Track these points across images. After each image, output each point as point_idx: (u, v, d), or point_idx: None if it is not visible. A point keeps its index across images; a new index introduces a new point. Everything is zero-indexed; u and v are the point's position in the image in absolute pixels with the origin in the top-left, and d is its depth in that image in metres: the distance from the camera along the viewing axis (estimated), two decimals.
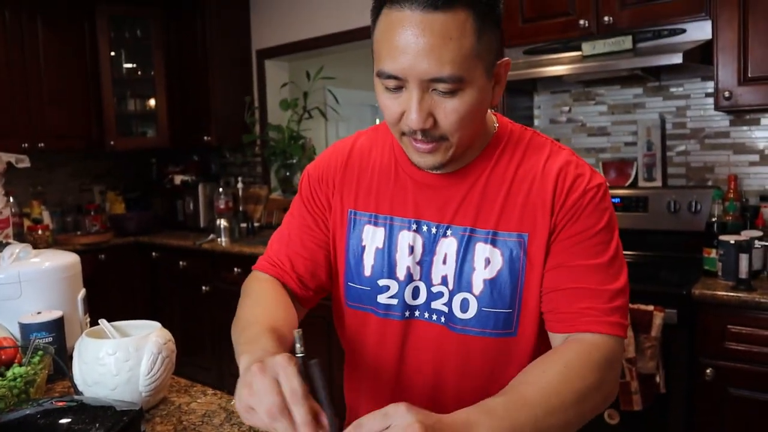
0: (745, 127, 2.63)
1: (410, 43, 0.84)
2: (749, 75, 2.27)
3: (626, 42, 2.44)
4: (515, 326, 1.01)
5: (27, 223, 3.94)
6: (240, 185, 4.27)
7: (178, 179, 4.45)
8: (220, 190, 4.10)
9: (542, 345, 1.02)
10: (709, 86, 2.63)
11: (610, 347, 0.93)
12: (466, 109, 0.89)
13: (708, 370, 2.12)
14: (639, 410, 2.16)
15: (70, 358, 1.34)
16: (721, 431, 2.14)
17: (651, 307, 2.13)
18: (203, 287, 3.78)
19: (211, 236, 3.84)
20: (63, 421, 0.98)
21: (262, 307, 1.03)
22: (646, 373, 2.14)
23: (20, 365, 1.21)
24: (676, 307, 2.14)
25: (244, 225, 4.01)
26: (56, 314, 1.40)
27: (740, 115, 2.62)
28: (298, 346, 0.81)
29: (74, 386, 1.21)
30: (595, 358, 0.90)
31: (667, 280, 2.35)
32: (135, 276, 4.25)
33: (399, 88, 0.90)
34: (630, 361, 2.13)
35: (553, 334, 0.99)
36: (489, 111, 1.07)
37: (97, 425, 0.96)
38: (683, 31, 2.39)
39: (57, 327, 1.39)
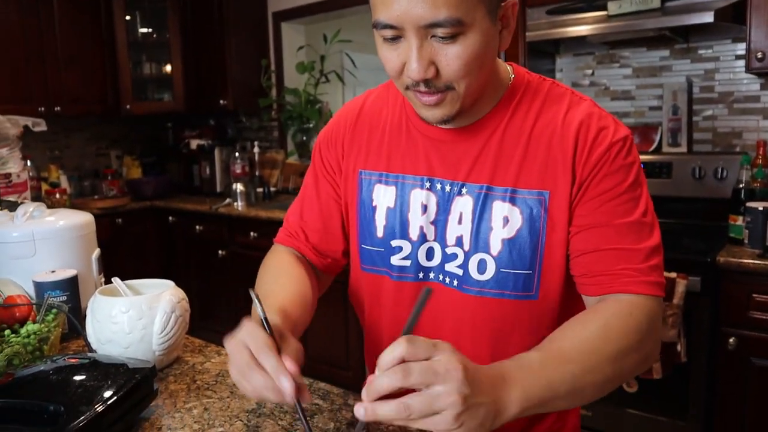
0: None
1: None
2: None
3: (654, 1, 2.35)
4: (536, 288, 0.97)
5: (45, 187, 3.95)
6: (256, 150, 4.24)
7: (194, 144, 4.43)
8: (237, 154, 4.08)
9: (567, 310, 0.98)
10: (740, 48, 2.54)
11: (649, 307, 0.89)
12: (469, 54, 0.84)
13: (731, 340, 2.08)
14: (658, 379, 2.13)
15: (84, 317, 1.33)
16: (743, 402, 2.11)
17: (674, 274, 2.08)
18: (219, 251, 3.79)
19: (228, 200, 3.83)
20: (76, 377, 0.97)
21: (276, 285, 1.03)
22: (667, 341, 2.10)
23: (34, 323, 1.20)
24: (700, 274, 2.10)
25: (260, 189, 4.00)
26: (70, 273, 1.39)
27: None
28: (256, 303, 0.81)
29: (87, 344, 1.20)
30: (635, 317, 0.87)
31: (691, 247, 2.30)
32: (151, 240, 4.27)
33: (397, 38, 0.85)
34: None
35: (587, 297, 0.95)
36: (505, 62, 1.02)
37: (110, 382, 0.95)
38: None
39: (71, 286, 1.38)
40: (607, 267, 0.91)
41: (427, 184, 1.01)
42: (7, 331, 1.16)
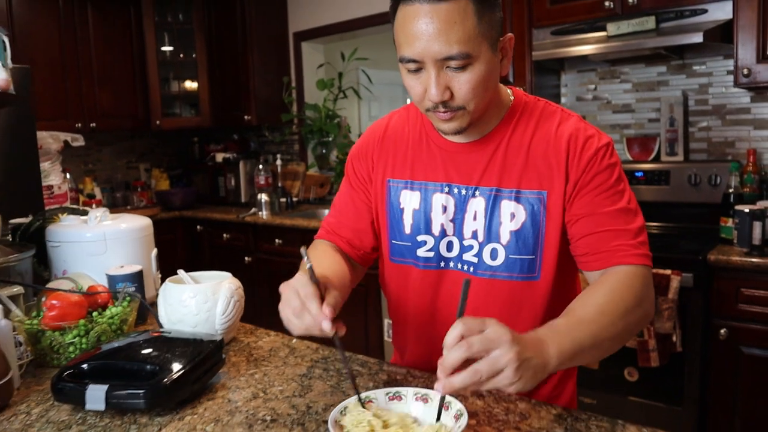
0: (765, 104, 2.75)
1: (422, 30, 1.02)
2: (767, 53, 2.39)
3: (650, 22, 2.56)
4: (538, 270, 1.19)
5: (82, 198, 4.19)
6: (279, 162, 4.48)
7: (219, 157, 4.67)
8: (260, 166, 4.31)
9: (559, 288, 1.20)
10: (731, 64, 2.74)
11: (642, 274, 1.10)
12: (476, 80, 1.06)
13: (722, 330, 2.28)
14: (656, 367, 2.32)
15: (150, 304, 1.57)
16: (734, 387, 2.30)
17: (669, 271, 2.28)
18: (245, 258, 4.01)
19: (253, 210, 4.06)
20: (163, 346, 1.19)
21: (321, 262, 1.23)
22: (664, 332, 2.30)
23: (113, 307, 1.43)
24: (693, 271, 2.30)
25: (283, 200, 4.22)
26: (137, 268, 1.62)
27: (761, 91, 2.73)
28: (305, 259, 1.02)
29: (159, 324, 1.42)
30: (632, 282, 1.08)
31: (685, 247, 2.50)
32: (180, 248, 4.49)
33: (419, 70, 1.07)
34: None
35: (589, 272, 1.16)
36: (506, 86, 1.24)
37: (189, 350, 1.17)
38: (705, 11, 2.51)
39: (138, 278, 1.60)
40: (605, 245, 1.12)
41: (446, 189, 1.23)
42: (94, 313, 1.38)
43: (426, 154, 1.26)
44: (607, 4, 2.69)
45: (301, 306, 0.98)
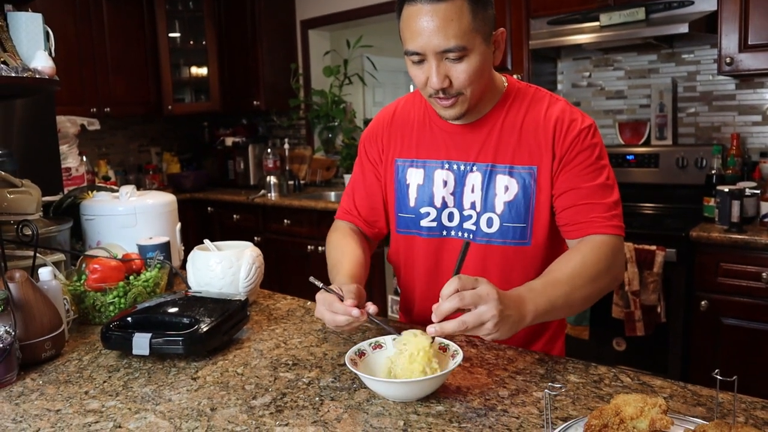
0: (749, 90, 2.90)
1: (424, 26, 1.17)
2: (749, 42, 2.53)
3: (640, 13, 2.71)
4: (529, 237, 1.35)
5: (97, 180, 4.36)
6: (286, 146, 4.64)
7: (229, 141, 4.83)
8: (269, 150, 4.48)
9: (550, 253, 1.37)
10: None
11: (613, 242, 1.27)
12: (472, 69, 1.21)
13: (703, 302, 2.45)
14: (642, 336, 2.50)
15: (178, 270, 1.74)
16: (714, 355, 2.47)
17: (654, 247, 2.45)
18: (255, 238, 4.18)
19: (262, 192, 4.23)
20: (196, 303, 1.36)
21: (343, 256, 1.41)
22: (649, 304, 2.47)
23: (147, 272, 1.60)
24: (676, 247, 2.46)
25: (290, 182, 4.39)
26: (164, 239, 1.79)
27: (746, 79, 2.88)
28: (317, 284, 1.19)
29: (188, 287, 1.59)
30: (603, 250, 1.25)
31: (671, 225, 2.66)
32: (192, 229, 4.65)
33: (422, 61, 1.23)
34: (634, 293, 2.46)
35: (570, 240, 1.33)
36: (500, 74, 1.39)
37: (219, 306, 1.34)
38: (691, 2, 2.65)
39: (166, 248, 1.77)
40: (583, 216, 1.29)
41: (446, 165, 1.39)
42: (131, 277, 1.55)
43: (429, 135, 1.42)
44: None
45: (331, 311, 1.15)
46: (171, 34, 4.83)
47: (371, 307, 1.17)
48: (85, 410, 1.03)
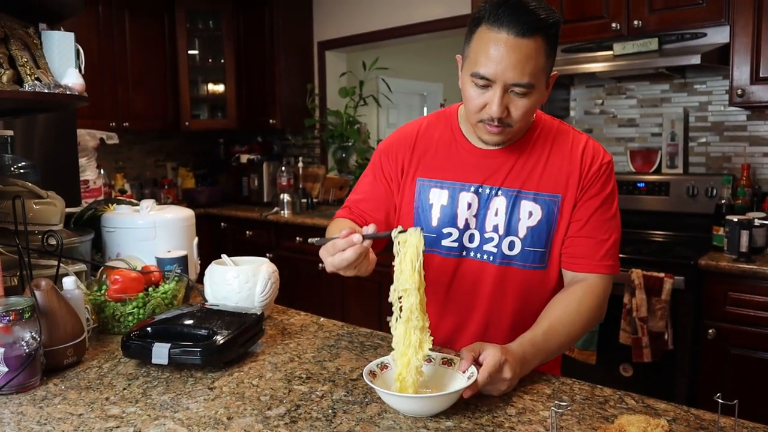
0: (761, 122, 2.93)
1: (503, 57, 1.20)
2: (761, 75, 2.57)
3: (653, 43, 2.76)
4: (546, 261, 1.39)
5: (114, 193, 4.44)
6: (300, 165, 4.71)
7: (244, 158, 4.91)
8: (283, 168, 4.54)
9: (559, 277, 1.41)
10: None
11: (605, 283, 1.36)
12: (530, 106, 1.26)
13: (710, 331, 2.46)
14: (649, 362, 2.51)
15: (195, 284, 1.78)
16: (722, 384, 2.48)
17: (662, 275, 2.47)
18: (267, 254, 4.22)
19: (275, 209, 4.28)
20: (213, 316, 1.40)
21: (340, 227, 1.41)
22: (656, 331, 2.49)
23: (166, 284, 1.64)
24: (685, 275, 2.48)
25: (304, 200, 4.45)
26: (182, 252, 1.83)
27: (756, 110, 2.91)
28: (321, 240, 1.22)
29: (204, 300, 1.63)
30: (597, 293, 1.34)
31: (680, 253, 2.68)
32: (205, 244, 4.69)
33: (486, 87, 1.26)
34: (642, 319, 2.48)
35: (565, 270, 1.39)
36: None
37: (235, 319, 1.38)
38: (704, 34, 2.70)
39: (183, 262, 1.81)
40: (582, 250, 1.36)
41: (472, 189, 1.42)
42: (150, 289, 1.60)
43: (456, 157, 1.45)
44: (613, 25, 2.88)
45: (337, 252, 1.14)
46: (190, 52, 4.93)
47: (367, 229, 1.16)
48: (107, 415, 1.07)
